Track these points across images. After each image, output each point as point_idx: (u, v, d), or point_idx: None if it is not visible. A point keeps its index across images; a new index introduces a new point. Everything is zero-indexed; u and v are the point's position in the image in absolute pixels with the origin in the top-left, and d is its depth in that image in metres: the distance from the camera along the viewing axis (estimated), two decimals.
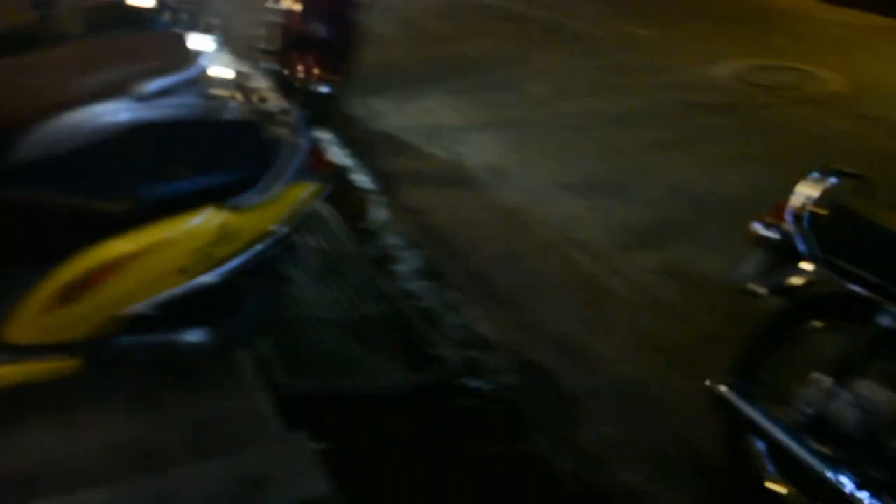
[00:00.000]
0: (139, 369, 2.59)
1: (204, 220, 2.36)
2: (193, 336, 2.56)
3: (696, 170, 5.11)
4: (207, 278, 2.41)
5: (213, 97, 3.21)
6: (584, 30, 8.47)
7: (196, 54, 3.03)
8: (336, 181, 2.93)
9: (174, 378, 2.71)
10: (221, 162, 2.50)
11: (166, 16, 4.00)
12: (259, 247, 2.48)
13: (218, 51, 3.13)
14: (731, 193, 4.74)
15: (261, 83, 5.18)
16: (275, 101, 4.86)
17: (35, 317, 2.32)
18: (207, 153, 2.53)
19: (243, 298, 2.65)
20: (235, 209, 2.39)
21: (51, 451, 2.45)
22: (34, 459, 2.41)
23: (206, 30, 3.46)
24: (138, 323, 2.42)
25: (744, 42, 8.07)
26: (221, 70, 3.60)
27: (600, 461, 2.80)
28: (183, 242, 2.35)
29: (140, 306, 2.37)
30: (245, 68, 5.38)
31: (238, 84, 4.26)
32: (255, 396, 2.69)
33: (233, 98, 4.00)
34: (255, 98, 4.90)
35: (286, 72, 5.11)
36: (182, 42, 3.20)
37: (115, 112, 2.94)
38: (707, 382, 2.56)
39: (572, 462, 2.78)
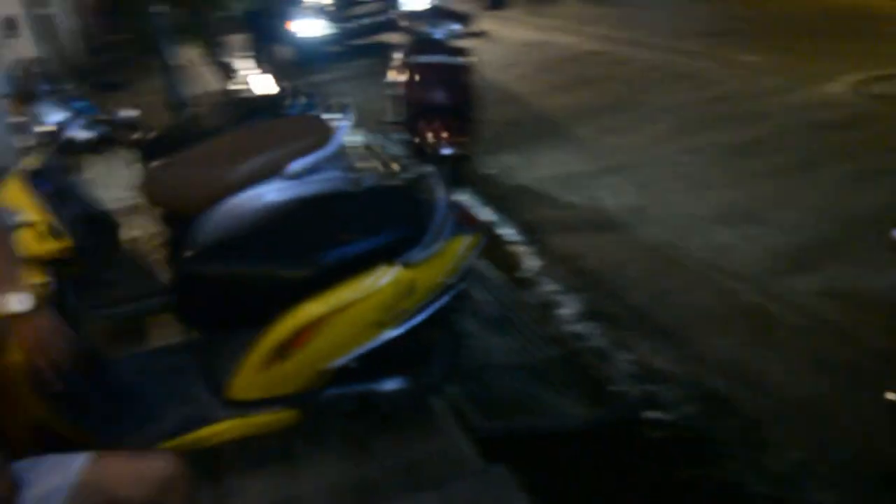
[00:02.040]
0: (348, 417, 2.79)
1: (388, 278, 2.54)
2: (392, 385, 2.75)
3: (832, 189, 5.06)
4: (398, 330, 2.58)
5: (354, 168, 3.46)
6: (693, 65, 8.54)
7: (334, 132, 3.28)
8: (487, 235, 3.11)
9: (379, 423, 2.91)
10: (383, 224, 2.67)
11: (299, 100, 4.26)
12: (437, 299, 2.65)
13: (351, 127, 3.36)
14: (874, 209, 4.67)
15: (394, 151, 5.47)
16: (411, 167, 5.13)
17: (254, 375, 2.56)
18: (370, 217, 2.72)
19: (431, 348, 2.83)
20: (407, 264, 2.56)
21: (278, 494, 2.69)
22: (264, 501, 2.67)
23: (337, 109, 3.71)
24: (343, 375, 2.62)
25: (855, 55, 7.93)
26: (357, 143, 3.86)
27: (794, 483, 2.82)
28: (374, 299, 2.53)
29: (342, 360, 2.57)
30: (377, 140, 5.68)
31: (374, 154, 4.54)
32: (453, 437, 2.87)
33: (372, 167, 4.28)
34: (392, 165, 5.19)
35: (416, 139, 5.33)
36: (321, 122, 3.46)
37: (273, 191, 3.22)
38: (888, 396, 2.58)
39: (766, 485, 2.81)
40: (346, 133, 3.20)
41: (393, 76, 5.53)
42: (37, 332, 1.71)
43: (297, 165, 3.08)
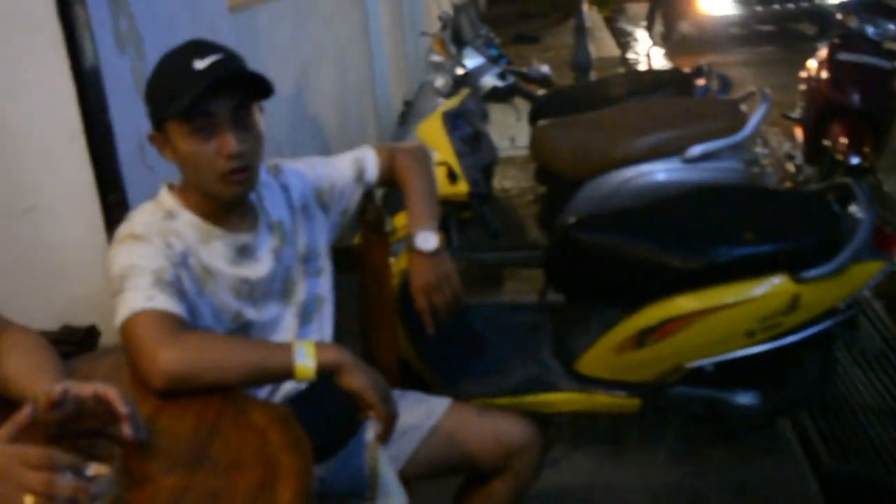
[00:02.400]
0: (689, 420, 2.70)
1: (775, 288, 2.38)
2: (744, 398, 2.59)
3: None
4: (770, 345, 2.42)
5: (754, 163, 3.25)
6: None
7: (744, 121, 3.10)
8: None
9: (719, 435, 2.77)
10: (790, 230, 2.50)
11: (711, 81, 4.10)
12: (819, 321, 2.43)
13: (762, 118, 3.15)
14: None
15: (789, 150, 5.12)
16: (804, 169, 4.77)
17: (608, 354, 2.53)
18: (776, 220, 2.56)
19: (797, 371, 2.63)
20: (805, 280, 2.37)
21: (601, 475, 2.66)
22: (586, 481, 2.65)
23: (747, 97, 3.50)
24: (696, 376, 2.51)
25: None
26: (762, 136, 3.63)
27: None
28: (753, 307, 2.38)
29: (702, 361, 2.45)
30: (779, 137, 5.35)
31: (769, 149, 4.26)
32: (797, 468, 2.65)
33: (771, 165, 4.00)
34: (786, 165, 4.85)
35: (824, 141, 4.97)
36: (732, 107, 3.29)
37: (668, 171, 3.13)
38: None
39: None
40: (760, 122, 3.02)
41: (810, 70, 5.16)
42: (436, 273, 1.77)
43: (698, 149, 2.98)
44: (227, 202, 1.59)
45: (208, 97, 1.46)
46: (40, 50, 1.80)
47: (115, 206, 1.87)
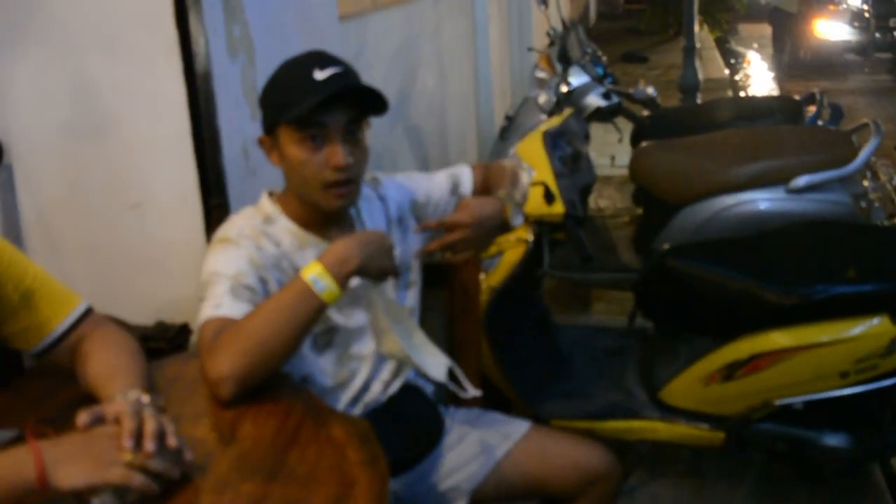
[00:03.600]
0: (774, 458, 2.64)
1: (873, 329, 2.30)
2: (834, 440, 2.50)
3: None
4: (864, 387, 2.34)
5: (862, 197, 3.15)
6: None
7: (855, 153, 3.00)
8: None
9: (805, 475, 2.70)
10: (893, 270, 2.42)
11: (822, 109, 3.99)
12: None
13: (873, 151, 3.04)
14: None
15: None
16: None
17: (694, 385, 2.49)
18: (879, 259, 2.48)
19: (892, 415, 2.55)
20: None
21: None
22: None
23: (859, 129, 3.38)
24: (785, 413, 2.44)
25: None
26: (873, 170, 3.51)
27: None
28: (849, 347, 2.31)
29: (792, 399, 2.39)
30: (887, 169, 5.15)
31: (878, 183, 4.11)
32: None
33: (880, 199, 3.87)
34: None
35: None
36: (843, 138, 3.19)
37: (767, 201, 3.05)
38: None
39: None
40: (871, 155, 2.93)
41: None
42: (482, 224, 1.74)
43: (804, 179, 2.91)
44: (327, 212, 1.63)
45: (325, 108, 1.51)
46: (156, 52, 1.90)
47: (216, 208, 1.95)
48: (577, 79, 3.48)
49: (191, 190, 1.98)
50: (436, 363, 1.60)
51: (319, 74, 1.52)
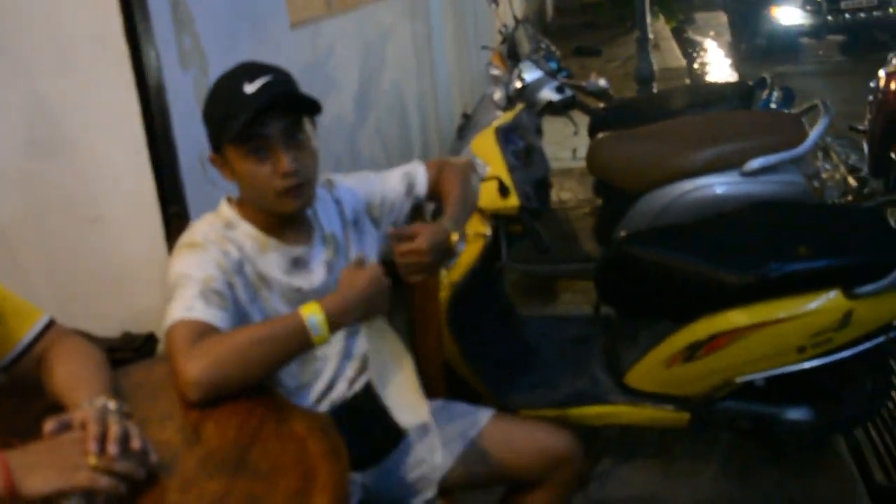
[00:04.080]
0: (738, 434, 2.69)
1: (826, 304, 2.36)
2: (796, 414, 2.56)
3: None
4: (822, 361, 2.40)
5: (815, 177, 3.21)
6: None
7: (805, 134, 3.06)
8: None
9: (770, 450, 2.75)
10: (845, 246, 2.48)
11: (773, 93, 4.05)
12: (874, 337, 2.41)
13: (824, 131, 3.11)
14: None
15: (854, 162, 5.02)
16: (870, 183, 4.68)
17: (657, 368, 2.54)
18: (831, 236, 2.54)
19: (850, 386, 2.61)
20: (859, 296, 2.34)
21: (649, 489, 2.66)
22: (634, 494, 2.66)
23: (810, 110, 3.45)
24: (746, 391, 2.50)
25: None
26: (825, 150, 3.57)
27: None
28: (803, 323, 2.37)
29: (752, 376, 2.45)
30: (840, 146, 5.25)
31: (831, 162, 4.19)
32: (849, 485, 2.61)
33: (832, 179, 3.95)
34: (849, 178, 4.77)
35: (893, 154, 4.85)
36: (793, 120, 3.25)
37: (726, 185, 3.11)
38: None
39: None
40: (822, 136, 2.99)
41: (880, 80, 5.05)
42: (437, 252, 1.75)
43: (758, 162, 2.95)
44: (285, 216, 1.66)
45: (260, 120, 1.53)
46: (107, 66, 1.91)
47: (176, 218, 1.97)
48: (529, 74, 3.52)
49: (150, 202, 2.00)
50: (409, 415, 1.65)
51: (249, 87, 1.53)
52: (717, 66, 10.93)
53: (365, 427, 1.72)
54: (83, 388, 1.33)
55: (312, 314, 1.47)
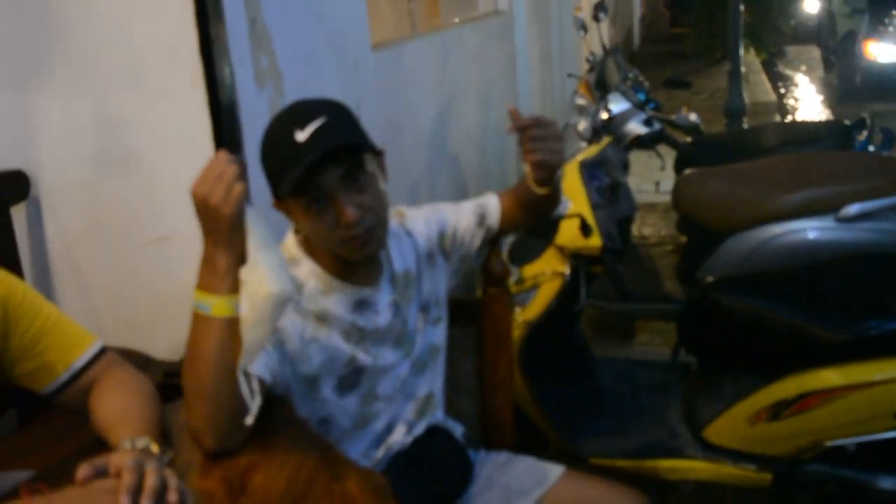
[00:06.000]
0: (824, 500, 2.52)
1: None
2: (888, 483, 2.38)
3: None
4: None
5: None
6: None
7: None
8: None
9: None
10: None
11: (873, 135, 3.87)
12: None
13: None
14: None
15: None
16: None
17: (740, 424, 2.39)
18: None
19: None
20: None
21: None
22: None
23: None
24: (836, 454, 2.34)
25: None
26: None
27: None
28: None
29: (844, 441, 2.29)
30: None
31: None
32: None
33: None
34: None
35: None
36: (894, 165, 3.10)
37: (816, 230, 2.95)
38: None
39: None
40: None
41: None
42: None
43: (855, 208, 2.80)
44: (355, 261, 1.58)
45: (315, 171, 1.44)
46: (179, 80, 1.87)
47: None
48: (617, 105, 3.41)
49: None
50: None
51: (301, 135, 1.44)
52: (809, 102, 10.62)
53: (425, 477, 1.63)
54: (127, 426, 1.27)
55: (194, 300, 1.31)
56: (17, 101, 1.99)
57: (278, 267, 1.26)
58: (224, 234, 1.27)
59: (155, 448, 1.18)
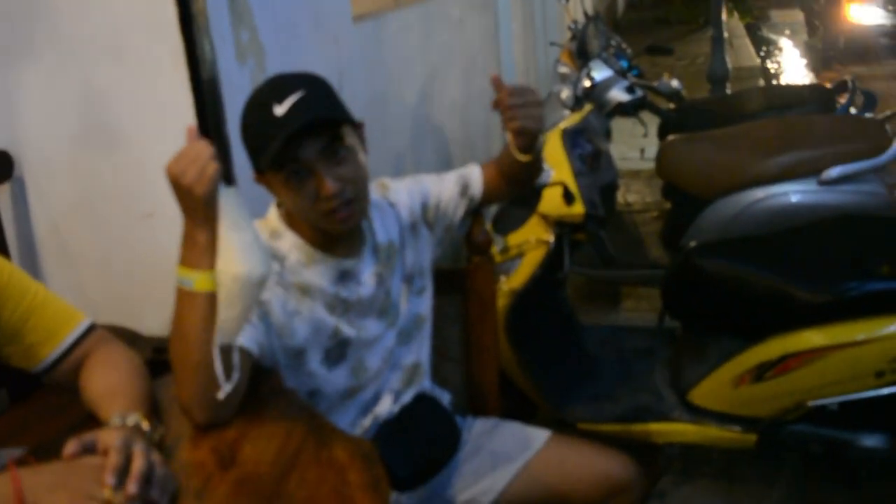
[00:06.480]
0: (808, 459, 2.56)
1: None
2: (871, 441, 2.41)
3: None
4: None
5: None
6: None
7: (889, 141, 2.91)
8: None
9: (841, 477, 2.62)
10: None
11: (855, 97, 3.88)
12: None
13: None
14: None
15: None
16: None
17: (724, 387, 2.43)
18: None
19: None
20: None
21: None
22: None
23: (893, 116, 3.28)
24: (819, 414, 2.37)
25: None
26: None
27: None
28: (883, 346, 2.23)
29: (826, 401, 2.32)
30: None
31: None
32: None
33: None
34: None
35: None
36: (877, 127, 3.10)
37: (798, 194, 2.97)
38: None
39: None
40: None
41: None
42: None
43: (837, 171, 2.82)
44: (337, 234, 1.59)
45: (294, 143, 1.45)
46: (161, 60, 1.86)
47: None
48: (599, 73, 3.41)
49: None
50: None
51: (279, 109, 1.44)
52: (793, 66, 10.62)
53: (413, 444, 1.65)
54: (117, 401, 1.28)
55: (176, 273, 1.33)
56: None
57: (249, 247, 1.27)
58: (200, 212, 1.29)
59: (145, 424, 1.20)
